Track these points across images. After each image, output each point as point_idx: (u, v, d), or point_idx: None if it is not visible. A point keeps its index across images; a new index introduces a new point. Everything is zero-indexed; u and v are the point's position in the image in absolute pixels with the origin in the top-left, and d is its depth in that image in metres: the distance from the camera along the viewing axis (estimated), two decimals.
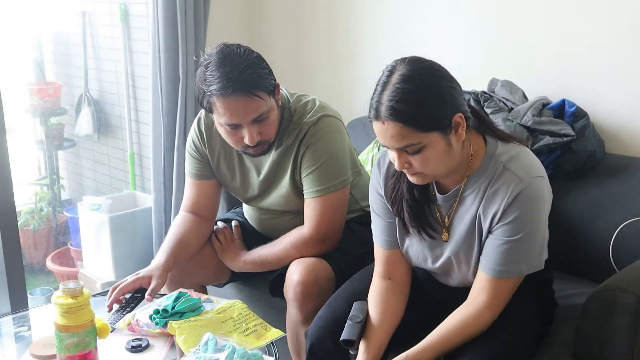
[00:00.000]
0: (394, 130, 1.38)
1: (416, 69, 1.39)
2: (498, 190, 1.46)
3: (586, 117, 2.06)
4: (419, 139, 1.38)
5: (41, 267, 3.45)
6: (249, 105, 1.75)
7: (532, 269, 1.51)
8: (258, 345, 1.57)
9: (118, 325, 1.68)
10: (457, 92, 1.43)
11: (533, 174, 1.46)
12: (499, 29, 2.35)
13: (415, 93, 1.37)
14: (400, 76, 1.38)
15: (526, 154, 1.51)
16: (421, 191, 1.57)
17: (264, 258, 1.97)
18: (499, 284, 1.49)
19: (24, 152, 3.70)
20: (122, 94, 3.33)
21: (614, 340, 1.48)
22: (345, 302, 1.67)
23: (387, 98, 1.37)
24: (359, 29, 2.76)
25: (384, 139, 1.42)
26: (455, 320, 1.50)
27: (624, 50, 2.06)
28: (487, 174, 1.48)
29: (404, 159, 1.43)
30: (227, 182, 2.07)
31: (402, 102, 1.36)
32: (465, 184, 1.52)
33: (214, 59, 1.76)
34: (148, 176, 3.12)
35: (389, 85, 1.39)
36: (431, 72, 1.41)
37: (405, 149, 1.41)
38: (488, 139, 1.52)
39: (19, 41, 3.66)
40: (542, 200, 1.48)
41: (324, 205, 1.88)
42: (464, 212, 1.53)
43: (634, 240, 1.87)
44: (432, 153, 1.41)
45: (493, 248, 1.48)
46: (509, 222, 1.45)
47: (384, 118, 1.38)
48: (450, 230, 1.57)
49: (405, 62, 1.41)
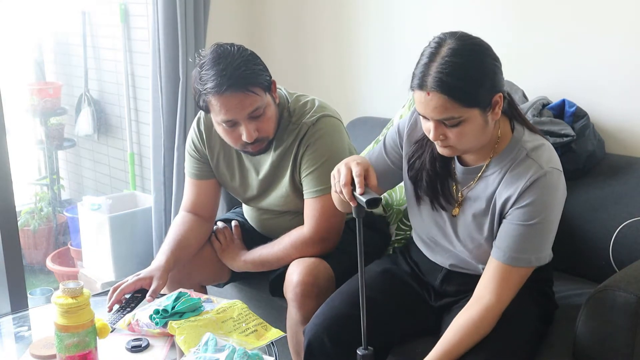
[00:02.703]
0: (438, 102, 1.40)
1: (466, 44, 1.41)
2: (518, 174, 1.49)
3: (586, 117, 2.06)
4: (461, 112, 1.41)
5: (41, 267, 3.46)
6: (244, 101, 1.76)
7: (540, 260, 1.53)
8: (258, 345, 1.57)
9: (118, 325, 1.68)
10: (499, 72, 1.45)
11: (553, 165, 1.49)
12: (498, 29, 2.35)
13: (464, 68, 1.39)
14: (449, 50, 1.40)
15: (549, 147, 1.55)
16: (443, 164, 1.60)
17: (264, 258, 1.98)
18: (509, 273, 1.50)
19: (24, 152, 3.70)
20: (122, 94, 3.34)
21: (614, 340, 1.48)
22: (343, 301, 1.68)
23: (435, 70, 1.39)
24: (359, 29, 2.76)
25: (425, 109, 1.43)
26: (463, 323, 1.50)
27: (624, 50, 2.06)
28: (511, 158, 1.51)
29: (440, 131, 1.45)
30: (226, 182, 2.07)
31: (450, 76, 1.38)
32: (489, 164, 1.55)
33: (208, 58, 1.78)
34: (148, 176, 3.13)
35: (438, 57, 1.40)
36: (480, 49, 1.43)
37: (445, 121, 1.43)
38: (516, 126, 1.56)
39: (19, 41, 3.66)
40: (557, 191, 1.50)
41: (323, 206, 1.88)
42: (481, 191, 1.56)
43: (634, 240, 1.87)
44: (470, 128, 1.43)
45: (506, 232, 1.51)
46: (524, 206, 1.47)
47: (430, 89, 1.40)
48: (462, 207, 1.59)
49: (455, 37, 1.42)
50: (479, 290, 1.53)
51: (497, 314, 1.50)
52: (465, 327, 1.49)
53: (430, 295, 1.74)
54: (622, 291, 1.46)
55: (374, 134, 2.46)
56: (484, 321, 1.49)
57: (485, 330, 1.50)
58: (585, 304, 1.53)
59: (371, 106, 2.77)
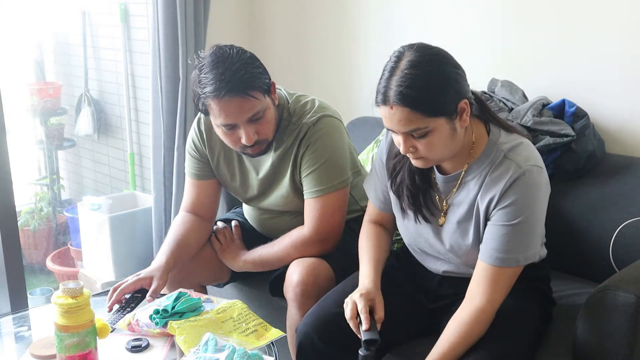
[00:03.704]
0: (402, 115, 1.42)
1: (424, 55, 1.43)
2: (497, 176, 1.49)
3: (586, 117, 2.06)
4: (426, 123, 1.42)
5: (41, 267, 3.46)
6: (244, 105, 1.75)
7: (528, 259, 1.52)
8: (258, 345, 1.57)
9: (118, 325, 1.68)
10: (462, 79, 1.46)
11: (532, 163, 1.49)
12: (499, 29, 2.35)
13: (423, 79, 1.40)
14: (408, 62, 1.42)
15: (528, 145, 1.54)
16: (422, 177, 1.61)
17: (264, 258, 1.98)
18: (497, 274, 1.49)
19: (24, 152, 3.70)
20: (122, 94, 3.34)
21: (614, 340, 1.48)
22: (334, 302, 1.68)
23: (396, 83, 1.41)
24: (359, 29, 2.76)
25: (390, 123, 1.45)
26: (456, 327, 1.49)
27: (624, 50, 2.06)
28: (489, 161, 1.52)
29: (409, 143, 1.47)
30: (226, 182, 2.07)
31: (411, 88, 1.39)
32: (467, 170, 1.55)
33: (207, 61, 1.76)
34: (148, 176, 3.13)
35: (397, 70, 1.42)
36: (438, 59, 1.44)
37: (412, 133, 1.44)
38: (492, 128, 1.56)
39: (19, 41, 3.66)
40: (539, 189, 1.49)
41: (323, 206, 1.89)
42: (464, 197, 1.56)
43: (634, 240, 1.87)
44: (438, 137, 1.44)
45: (491, 234, 1.51)
46: (506, 207, 1.47)
47: (392, 103, 1.42)
48: (447, 215, 1.60)
49: (413, 49, 1.44)
50: (470, 292, 1.53)
51: (490, 314, 1.50)
52: (458, 330, 1.49)
53: (427, 298, 1.74)
54: (622, 291, 1.46)
55: (374, 134, 2.46)
56: (477, 323, 1.49)
57: (479, 331, 1.49)
58: (585, 304, 1.53)
59: (371, 106, 2.76)
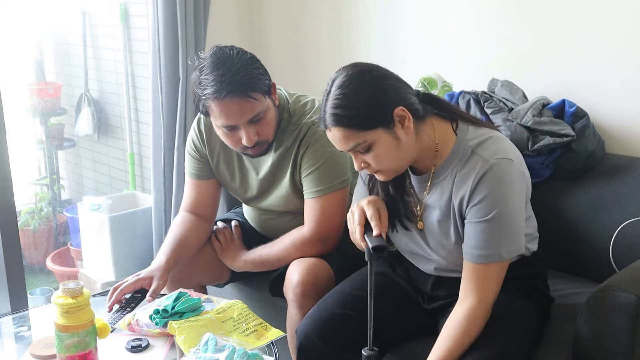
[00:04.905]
0: (339, 134, 1.46)
1: (349, 74, 1.47)
2: (466, 173, 1.49)
3: (586, 117, 2.06)
4: (364, 137, 1.45)
5: (41, 267, 3.46)
6: (244, 107, 1.75)
7: (512, 252, 1.51)
8: (258, 345, 1.57)
9: (118, 325, 1.68)
10: (394, 87, 1.47)
11: (499, 156, 1.48)
12: (499, 30, 2.35)
13: (350, 96, 1.44)
14: (336, 85, 1.47)
15: (498, 138, 1.54)
16: (395, 185, 1.62)
17: (264, 258, 1.98)
18: (483, 271, 1.50)
19: (24, 152, 3.70)
20: (122, 94, 3.33)
21: (614, 340, 1.48)
22: (334, 302, 1.69)
23: (329, 106, 1.47)
24: (359, 29, 2.76)
25: (336, 144, 1.51)
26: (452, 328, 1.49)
27: (624, 50, 2.06)
28: (458, 159, 1.52)
29: (359, 159, 1.51)
30: (226, 182, 2.07)
31: (340, 107, 1.44)
32: (436, 171, 1.55)
33: (208, 62, 1.77)
34: (148, 176, 3.12)
35: (330, 95, 1.47)
36: (362, 74, 1.46)
37: (355, 149, 1.47)
38: (460, 125, 1.56)
39: (19, 41, 3.66)
40: (509, 181, 1.48)
41: (323, 206, 1.89)
42: (438, 198, 1.56)
43: (634, 240, 1.87)
44: (382, 149, 1.46)
45: (468, 232, 1.51)
46: (478, 203, 1.47)
47: (329, 125, 1.47)
48: (424, 219, 1.60)
49: (342, 70, 1.49)
50: (461, 293, 1.53)
51: (483, 312, 1.50)
52: (454, 331, 1.49)
53: (424, 299, 1.74)
54: (622, 291, 1.46)
55: None
56: (471, 323, 1.49)
57: (475, 330, 1.49)
58: (585, 304, 1.53)
59: None
